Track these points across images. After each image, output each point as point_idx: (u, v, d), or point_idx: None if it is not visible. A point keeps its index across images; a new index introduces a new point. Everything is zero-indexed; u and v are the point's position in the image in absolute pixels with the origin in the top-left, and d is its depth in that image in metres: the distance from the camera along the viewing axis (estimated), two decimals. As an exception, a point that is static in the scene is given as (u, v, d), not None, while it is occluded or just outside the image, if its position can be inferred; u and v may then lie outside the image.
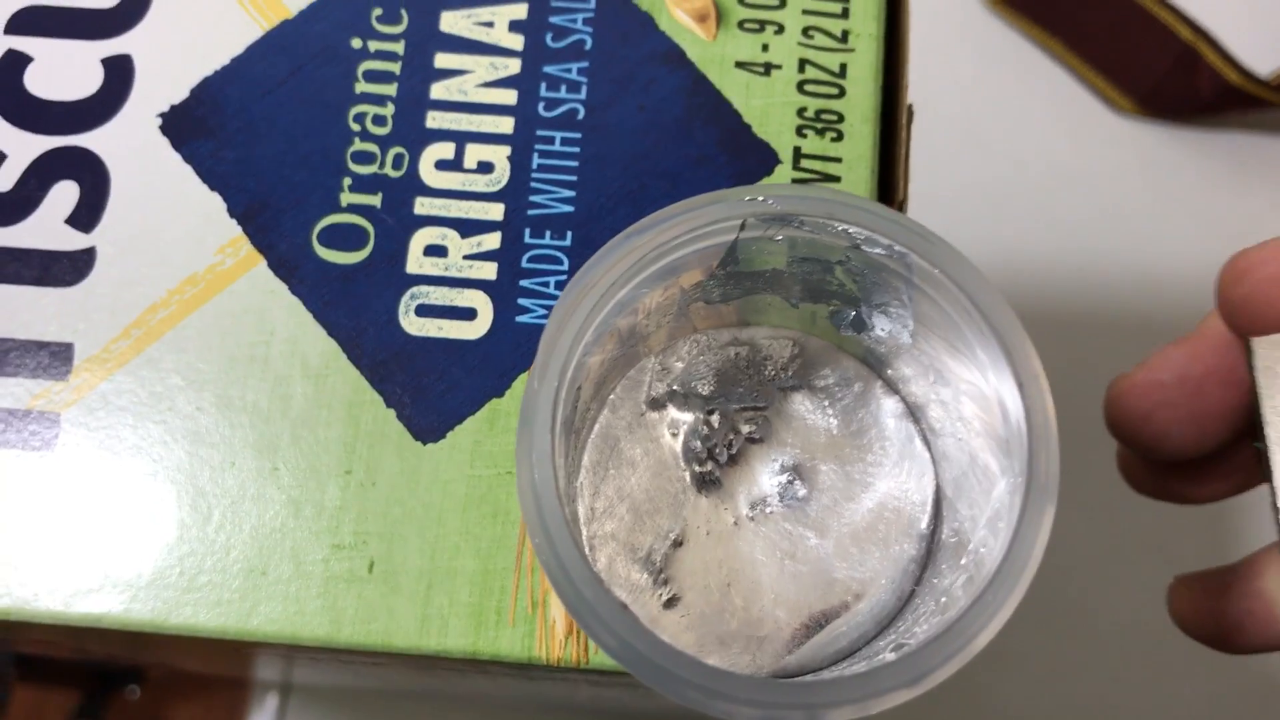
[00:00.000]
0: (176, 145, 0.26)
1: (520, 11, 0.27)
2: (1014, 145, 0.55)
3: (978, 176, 0.55)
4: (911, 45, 0.26)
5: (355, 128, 0.26)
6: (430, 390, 0.25)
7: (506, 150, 0.26)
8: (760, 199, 0.20)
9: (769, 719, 0.19)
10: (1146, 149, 0.57)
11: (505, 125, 0.26)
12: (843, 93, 0.26)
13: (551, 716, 0.51)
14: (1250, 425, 0.24)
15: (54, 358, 0.25)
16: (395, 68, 0.27)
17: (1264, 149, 0.55)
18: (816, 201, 0.20)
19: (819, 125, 0.26)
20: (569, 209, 0.26)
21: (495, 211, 0.26)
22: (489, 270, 0.26)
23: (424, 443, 0.25)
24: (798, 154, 0.26)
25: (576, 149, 0.26)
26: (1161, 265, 0.53)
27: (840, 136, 0.26)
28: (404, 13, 0.27)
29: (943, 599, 0.21)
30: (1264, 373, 0.23)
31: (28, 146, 0.26)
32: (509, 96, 0.27)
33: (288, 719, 0.52)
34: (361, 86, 0.27)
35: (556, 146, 0.26)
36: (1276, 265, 0.22)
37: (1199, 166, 0.56)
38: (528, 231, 0.26)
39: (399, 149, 0.26)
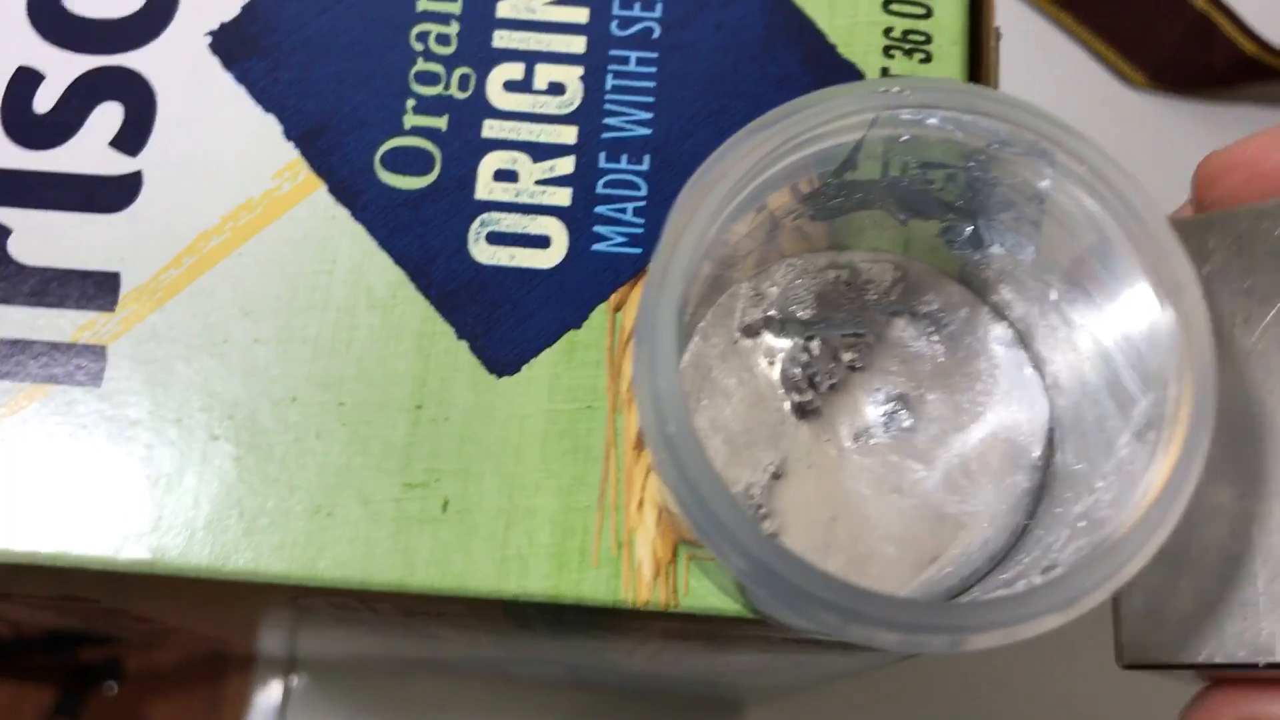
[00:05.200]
0: (228, 65, 0.25)
1: (588, -72, 0.26)
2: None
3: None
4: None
5: (418, 47, 0.25)
6: (504, 321, 0.23)
7: (579, 71, 0.25)
8: (896, 90, 0.19)
9: (909, 644, 0.17)
10: (1159, 123, 0.56)
11: (577, 45, 0.25)
12: (930, 13, 0.25)
13: (569, 690, 0.50)
14: None
15: (99, 287, 0.23)
16: (459, -16, 0.25)
17: (1281, 121, 0.55)
18: (956, 93, 0.18)
19: (906, 46, 0.25)
20: (646, 132, 0.24)
21: (568, 135, 0.24)
22: (563, 196, 0.24)
23: (498, 376, 0.23)
24: (885, 75, 0.25)
25: (653, 69, 0.25)
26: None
27: (929, 58, 0.25)
28: (465, -71, 0.26)
29: (1080, 524, 0.20)
30: None
31: (68, 66, 0.25)
32: (580, 15, 0.25)
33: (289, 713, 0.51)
34: (424, 4, 0.25)
35: (631, 67, 0.25)
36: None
37: (1212, 140, 0.55)
38: (603, 156, 0.24)
39: (465, 69, 0.25)
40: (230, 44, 0.25)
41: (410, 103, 0.24)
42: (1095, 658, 0.47)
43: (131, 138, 0.24)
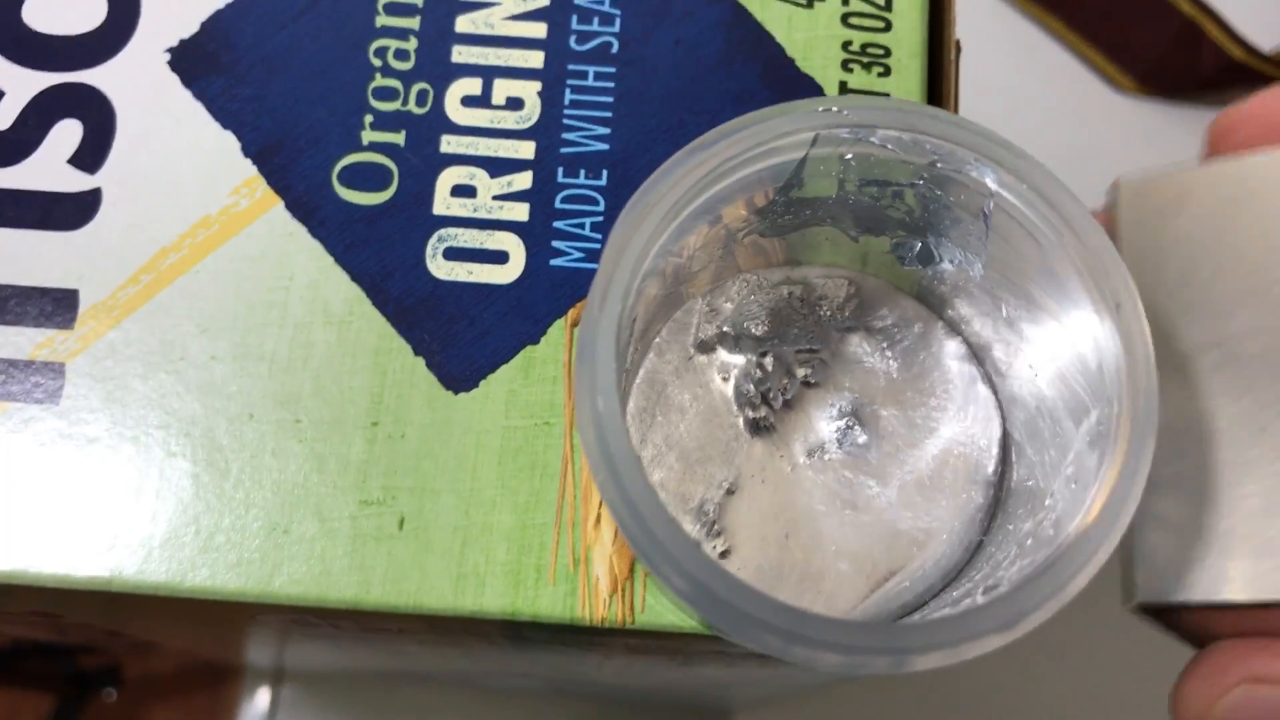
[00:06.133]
0: (186, 82, 0.25)
1: (548, -57, 0.26)
2: (1012, 125, 0.54)
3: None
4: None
5: (376, 63, 0.25)
6: (461, 337, 0.23)
7: (537, 86, 0.25)
8: (835, 109, 0.18)
9: (852, 665, 0.17)
10: (1148, 128, 0.55)
11: (535, 60, 0.25)
12: (889, 26, 0.25)
13: (555, 700, 0.50)
14: None
15: (57, 305, 0.23)
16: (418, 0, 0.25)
17: (1269, 126, 0.54)
18: (895, 113, 0.18)
19: (865, 60, 0.25)
20: (604, 147, 0.24)
21: (526, 150, 0.24)
22: (520, 211, 0.24)
23: (455, 392, 0.23)
24: (844, 89, 0.25)
25: (611, 84, 0.25)
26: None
27: (887, 71, 0.25)
28: (425, -56, 0.26)
29: (1028, 542, 0.20)
30: (1127, 225, 0.23)
31: (26, 83, 0.25)
32: (538, 30, 0.25)
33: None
34: (382, 20, 0.25)
35: (589, 82, 0.25)
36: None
37: (1201, 145, 0.55)
38: (561, 170, 0.24)
39: (423, 85, 0.25)
40: (189, 61, 0.25)
41: (368, 118, 0.24)
42: (1087, 662, 0.47)
43: (90, 155, 0.24)
